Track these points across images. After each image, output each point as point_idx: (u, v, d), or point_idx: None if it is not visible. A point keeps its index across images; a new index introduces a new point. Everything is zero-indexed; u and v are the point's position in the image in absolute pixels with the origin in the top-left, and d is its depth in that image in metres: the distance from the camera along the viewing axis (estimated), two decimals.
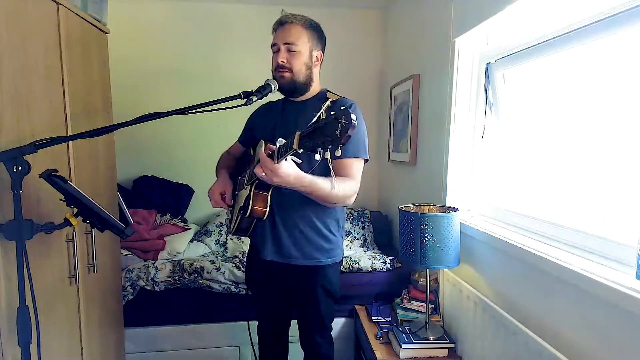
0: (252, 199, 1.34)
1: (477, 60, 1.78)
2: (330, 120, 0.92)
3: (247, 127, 1.69)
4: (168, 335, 2.17)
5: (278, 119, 1.51)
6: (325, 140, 0.92)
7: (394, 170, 2.73)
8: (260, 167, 1.15)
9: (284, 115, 1.51)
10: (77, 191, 1.11)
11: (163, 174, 2.82)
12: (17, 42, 1.13)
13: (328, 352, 1.65)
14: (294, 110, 1.49)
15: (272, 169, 1.12)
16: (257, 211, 1.36)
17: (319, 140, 0.94)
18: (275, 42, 1.42)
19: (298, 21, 1.41)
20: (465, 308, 1.68)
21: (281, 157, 1.09)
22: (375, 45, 3.02)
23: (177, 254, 2.39)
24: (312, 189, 1.25)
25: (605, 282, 1.01)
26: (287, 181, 1.16)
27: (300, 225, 1.47)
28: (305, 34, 1.41)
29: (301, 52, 1.40)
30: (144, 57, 2.82)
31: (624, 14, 1.06)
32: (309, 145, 0.96)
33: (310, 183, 1.23)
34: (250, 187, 1.36)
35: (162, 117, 1.10)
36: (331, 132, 0.91)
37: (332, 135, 0.91)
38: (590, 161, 1.28)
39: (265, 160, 1.12)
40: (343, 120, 0.89)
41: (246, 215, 1.36)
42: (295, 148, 1.01)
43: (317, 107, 1.40)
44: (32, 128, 1.18)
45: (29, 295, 1.03)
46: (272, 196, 1.39)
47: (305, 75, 1.43)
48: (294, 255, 1.48)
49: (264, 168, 1.13)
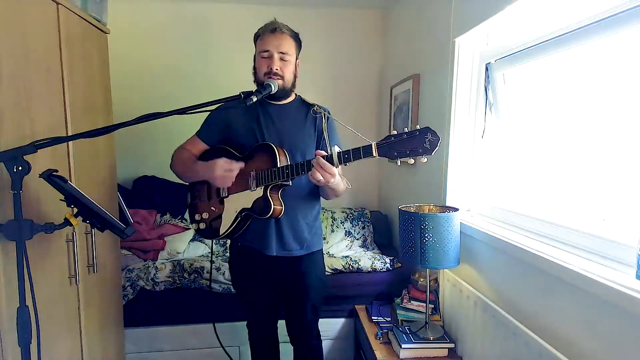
0: (271, 200, 1.44)
1: (477, 60, 1.78)
2: (414, 135, 1.17)
3: (217, 127, 1.60)
4: (168, 335, 2.17)
5: (262, 121, 1.55)
6: (411, 150, 1.17)
7: (394, 170, 2.73)
8: (316, 171, 1.29)
9: (267, 117, 1.56)
10: (77, 191, 1.11)
11: (163, 174, 2.81)
12: (17, 42, 1.13)
13: (318, 344, 1.76)
14: (278, 112, 1.57)
15: (332, 173, 1.30)
16: (277, 210, 1.46)
17: (399, 149, 1.18)
18: (267, 49, 1.48)
19: (287, 31, 1.51)
20: (465, 308, 1.68)
21: (346, 162, 1.27)
22: (375, 45, 3.02)
23: (177, 254, 2.39)
24: (337, 184, 1.42)
25: (605, 282, 1.00)
26: (337, 181, 1.36)
27: (299, 218, 1.57)
28: (293, 45, 1.53)
29: (291, 62, 1.51)
30: (144, 57, 2.81)
31: (624, 14, 1.06)
32: (387, 152, 1.20)
33: (338, 179, 1.40)
34: (265, 189, 1.44)
35: (162, 117, 1.10)
36: (419, 144, 1.16)
37: (421, 147, 1.16)
38: (590, 161, 1.28)
39: (325, 165, 1.28)
40: (430, 136, 1.15)
41: (267, 215, 1.44)
42: (375, 155, 1.21)
43: (301, 110, 1.58)
44: (32, 128, 1.18)
45: (29, 295, 1.03)
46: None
47: (291, 82, 1.54)
48: (295, 247, 1.58)
49: (323, 172, 1.29)
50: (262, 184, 1.44)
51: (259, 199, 1.45)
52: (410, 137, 1.17)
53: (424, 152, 1.16)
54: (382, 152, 1.21)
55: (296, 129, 1.56)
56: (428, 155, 1.16)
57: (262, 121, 1.55)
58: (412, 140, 1.17)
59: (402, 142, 1.18)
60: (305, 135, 1.56)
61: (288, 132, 1.54)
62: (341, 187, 1.48)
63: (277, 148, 1.44)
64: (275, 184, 1.42)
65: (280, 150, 1.44)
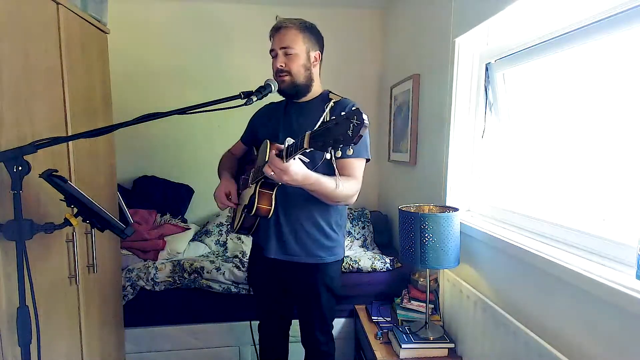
0: (257, 198, 1.36)
1: (477, 60, 1.78)
2: (341, 120, 0.95)
3: (250, 126, 1.70)
4: (168, 335, 2.17)
5: (281, 120, 1.53)
6: (336, 139, 0.95)
7: (394, 170, 2.73)
8: (269, 166, 1.17)
9: (287, 116, 1.53)
10: (77, 191, 1.11)
11: (163, 174, 2.82)
12: (17, 42, 1.13)
13: (329, 350, 1.67)
14: (297, 111, 1.51)
15: (281, 168, 1.15)
16: (262, 209, 1.38)
17: (329, 139, 0.96)
18: (272, 48, 1.46)
19: (293, 24, 1.44)
20: (465, 308, 1.68)
21: (290, 156, 1.12)
22: (375, 45, 3.02)
23: (177, 254, 2.39)
24: (318, 187, 1.28)
25: (605, 282, 1.00)
26: (295, 179, 1.19)
27: (303, 223, 1.49)
28: (301, 37, 1.44)
29: (298, 55, 1.43)
30: (144, 57, 2.81)
31: (624, 14, 1.06)
32: (320, 144, 0.99)
33: (316, 181, 1.26)
34: (255, 186, 1.38)
35: (162, 117, 1.10)
36: (343, 132, 0.94)
37: (344, 135, 0.93)
38: (590, 161, 1.28)
39: (274, 159, 1.15)
40: (355, 120, 0.92)
41: (251, 213, 1.38)
42: (305, 147, 1.03)
43: (320, 108, 1.44)
44: (32, 128, 1.18)
45: (29, 295, 1.03)
46: (276, 194, 1.40)
47: (305, 76, 1.46)
48: (297, 253, 1.50)
49: (272, 167, 1.16)
50: (253, 181, 1.43)
51: (252, 196, 1.41)
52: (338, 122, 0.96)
53: (344, 141, 0.94)
54: (313, 143, 1.02)
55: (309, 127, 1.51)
56: (352, 146, 0.96)
57: (282, 121, 1.52)
58: (339, 127, 0.95)
59: (330, 129, 0.97)
60: None
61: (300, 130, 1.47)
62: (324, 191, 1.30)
63: (270, 144, 1.31)
64: (260, 179, 1.36)
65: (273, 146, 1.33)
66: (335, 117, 0.97)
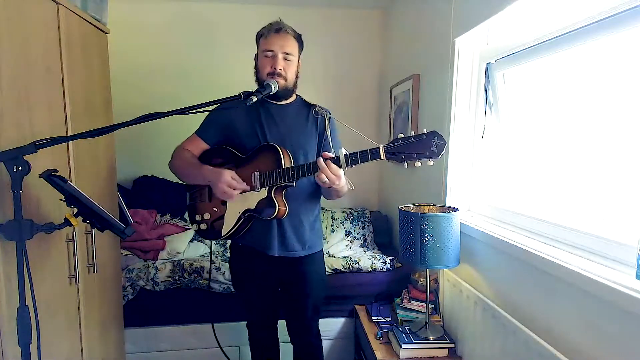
0: (276, 201, 1.45)
1: (477, 60, 1.78)
2: (421, 138, 1.20)
3: (215, 125, 1.60)
4: (168, 335, 2.17)
5: (264, 121, 1.55)
6: (418, 153, 1.20)
7: (394, 170, 2.73)
8: (322, 172, 1.30)
9: (270, 117, 1.56)
10: (77, 191, 1.11)
11: (163, 174, 2.81)
12: (17, 42, 1.13)
13: (319, 343, 1.77)
14: (280, 112, 1.57)
15: (338, 175, 1.32)
16: (282, 211, 1.47)
17: (406, 152, 1.21)
18: (272, 49, 1.48)
19: (291, 32, 1.52)
20: (465, 308, 1.68)
21: (354, 164, 1.28)
22: (375, 46, 3.02)
23: (177, 254, 2.39)
24: (344, 184, 1.44)
25: (605, 282, 1.00)
26: (342, 181, 1.37)
27: (302, 218, 1.58)
28: (297, 45, 1.53)
29: (294, 62, 1.52)
30: (144, 57, 2.82)
31: (624, 14, 1.06)
32: (395, 156, 1.23)
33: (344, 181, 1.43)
34: (270, 190, 1.45)
35: (162, 117, 1.10)
36: (426, 148, 1.19)
37: (428, 150, 1.19)
38: (590, 161, 1.28)
39: (331, 166, 1.30)
40: (437, 140, 1.18)
41: (272, 216, 1.45)
42: (382, 158, 1.23)
43: (302, 111, 1.59)
44: (32, 128, 1.18)
45: (29, 295, 1.03)
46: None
47: (293, 82, 1.54)
48: (297, 248, 1.58)
49: (328, 173, 1.30)
50: (267, 185, 1.44)
51: (263, 199, 1.45)
52: (417, 140, 1.20)
53: (430, 156, 1.19)
54: (390, 155, 1.23)
55: (298, 129, 1.56)
56: (434, 159, 1.20)
57: (264, 122, 1.54)
58: (419, 144, 1.20)
59: (409, 145, 1.21)
60: (307, 136, 1.56)
61: (290, 132, 1.54)
62: (345, 188, 1.49)
63: (281, 149, 1.43)
64: (280, 185, 1.43)
65: (284, 152, 1.45)
66: (415, 135, 1.21)
